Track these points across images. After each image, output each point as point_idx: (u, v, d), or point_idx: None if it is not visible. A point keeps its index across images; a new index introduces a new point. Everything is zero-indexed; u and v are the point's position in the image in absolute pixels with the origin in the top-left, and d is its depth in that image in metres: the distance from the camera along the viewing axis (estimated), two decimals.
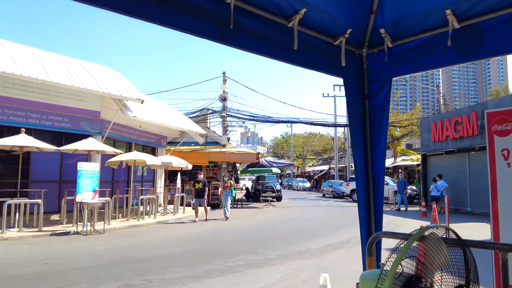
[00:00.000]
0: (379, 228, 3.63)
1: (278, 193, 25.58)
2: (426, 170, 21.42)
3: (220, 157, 20.97)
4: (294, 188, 47.30)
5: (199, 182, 14.24)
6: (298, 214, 16.88)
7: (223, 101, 21.76)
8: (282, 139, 73.96)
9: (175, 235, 10.84)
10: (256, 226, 12.83)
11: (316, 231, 11.52)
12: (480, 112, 17.00)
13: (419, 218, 15.79)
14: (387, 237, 2.73)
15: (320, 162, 59.75)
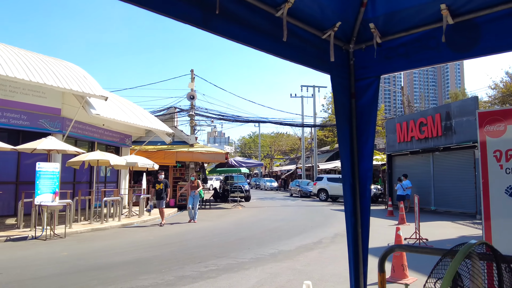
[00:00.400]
0: (365, 232, 3.46)
1: (246, 193, 25.39)
2: (392, 170, 21.89)
3: (188, 157, 20.52)
4: (262, 188, 47.29)
5: (159, 183, 13.48)
6: (268, 215, 16.74)
7: (191, 100, 21.28)
8: (250, 139, 73.94)
9: (141, 239, 10.37)
10: (226, 227, 12.55)
11: (287, 231, 11.38)
12: (444, 114, 17.52)
13: (386, 217, 16.05)
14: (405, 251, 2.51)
15: (287, 162, 60.11)
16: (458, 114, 16.73)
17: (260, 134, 60.14)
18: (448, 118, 17.23)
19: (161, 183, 13.47)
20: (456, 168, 17.01)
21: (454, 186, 16.98)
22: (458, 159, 16.99)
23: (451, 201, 17.10)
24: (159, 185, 13.46)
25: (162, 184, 13.45)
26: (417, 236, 9.67)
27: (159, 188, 13.42)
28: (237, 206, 21.28)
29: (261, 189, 46.95)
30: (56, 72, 11.68)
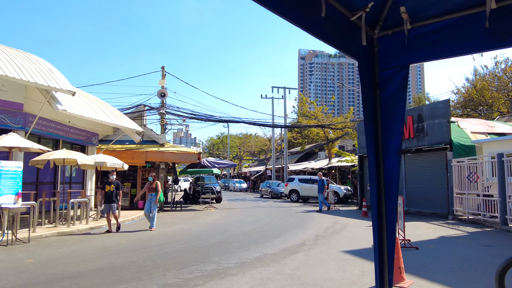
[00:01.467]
0: (391, 237, 3.17)
1: (218, 195, 24.89)
2: (363, 171, 22.08)
3: (158, 157, 19.79)
4: (231, 189, 46.81)
5: (110, 184, 11.72)
6: (242, 216, 16.36)
7: (162, 97, 20.54)
8: (218, 140, 73.25)
9: (113, 243, 9.72)
10: (202, 230, 12.06)
11: (266, 233, 11.06)
12: (416, 116, 17.80)
13: (361, 217, 16.07)
14: None
15: (256, 163, 59.96)
16: (429, 117, 17.04)
17: (229, 135, 59.60)
18: (420, 120, 17.53)
19: (112, 184, 11.73)
20: (428, 170, 17.32)
21: (426, 187, 17.27)
22: (430, 160, 17.31)
23: (422, 202, 17.39)
24: (109, 186, 11.67)
25: (113, 185, 11.72)
26: (401, 237, 9.61)
27: (109, 190, 11.65)
28: (209, 207, 20.77)
29: (230, 190, 46.46)
30: (19, 63, 10.79)
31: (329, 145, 32.78)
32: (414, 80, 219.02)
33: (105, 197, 11.68)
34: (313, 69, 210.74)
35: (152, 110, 21.13)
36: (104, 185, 11.87)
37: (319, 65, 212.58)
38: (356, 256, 7.68)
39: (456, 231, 11.55)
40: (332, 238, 10.20)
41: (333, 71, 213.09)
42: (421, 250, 8.38)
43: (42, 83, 10.78)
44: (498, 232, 11.47)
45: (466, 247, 8.95)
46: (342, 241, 9.63)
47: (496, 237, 10.51)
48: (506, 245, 9.21)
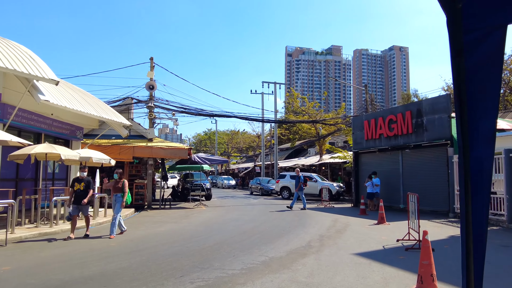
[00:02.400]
0: (477, 243, 2.47)
1: (208, 192, 24.11)
2: (358, 168, 21.57)
3: (147, 153, 18.86)
4: (219, 186, 46.00)
5: (80, 182, 10.02)
6: (236, 215, 15.62)
7: (151, 90, 19.61)
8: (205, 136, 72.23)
9: (101, 245, 8.88)
10: (196, 230, 11.28)
11: (266, 233, 10.35)
12: (415, 111, 17.31)
13: (359, 215, 15.51)
14: None
15: (244, 160, 59.22)
16: (429, 112, 16.56)
17: (216, 131, 58.66)
18: (419, 115, 17.04)
19: (82, 181, 10.03)
20: (427, 166, 16.86)
21: (425, 184, 16.82)
22: (429, 156, 16.85)
23: (421, 199, 16.69)
24: (79, 184, 9.98)
25: (84, 183, 10.01)
26: (409, 237, 9.04)
27: (79, 188, 9.92)
28: (199, 205, 19.97)
29: (218, 187, 45.64)
30: None
31: (320, 141, 32.26)
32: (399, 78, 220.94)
33: (74, 196, 9.93)
34: (300, 66, 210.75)
35: (140, 103, 20.18)
36: (73, 183, 10.14)
37: (306, 62, 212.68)
38: (371, 260, 7.03)
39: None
40: (338, 238, 9.55)
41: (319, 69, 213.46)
42: (437, 252, 7.77)
43: (22, 70, 9.81)
44: (506, 230, 11.02)
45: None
46: (350, 242, 8.98)
47: (507, 236, 10.02)
48: None
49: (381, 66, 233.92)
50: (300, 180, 18.78)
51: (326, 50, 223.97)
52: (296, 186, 18.90)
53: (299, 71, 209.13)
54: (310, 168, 34.89)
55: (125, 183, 10.70)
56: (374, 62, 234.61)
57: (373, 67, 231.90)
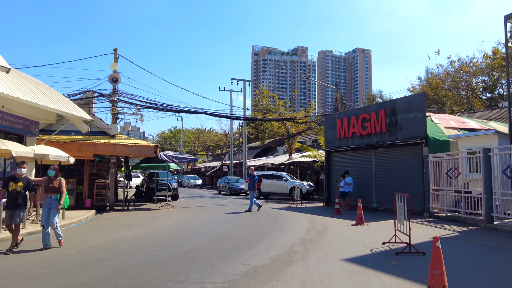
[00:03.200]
0: None
1: (175, 192, 23.02)
2: (330, 167, 21.23)
3: (109, 150, 17.56)
4: (185, 186, 44.70)
5: (17, 181, 8.21)
6: (208, 216, 14.74)
7: (114, 83, 18.29)
8: (170, 134, 70.32)
9: (58, 254, 7.78)
10: (166, 234, 10.32)
11: (244, 237, 9.58)
12: (389, 110, 17.09)
13: (334, 215, 15.07)
14: None
15: (211, 159, 58.10)
16: (404, 110, 16.38)
17: (182, 129, 57.13)
18: (394, 114, 16.84)
19: (19, 181, 8.24)
20: (402, 165, 16.68)
21: (399, 183, 16.62)
22: (403, 156, 16.68)
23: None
24: (15, 184, 8.15)
25: (21, 183, 8.23)
26: (396, 240, 8.57)
27: (14, 189, 8.12)
28: (166, 206, 18.89)
29: (184, 187, 44.32)
30: None
31: (290, 140, 31.85)
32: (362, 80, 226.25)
33: (8, 199, 8.16)
34: (267, 66, 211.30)
35: (102, 97, 18.81)
36: (8, 181, 8.22)
37: (272, 62, 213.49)
38: (364, 267, 6.43)
39: (445, 231, 10.76)
40: (320, 242, 8.93)
41: (285, 69, 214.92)
42: (428, 256, 7.30)
43: None
44: (487, 230, 10.84)
45: (473, 250, 8.04)
46: (334, 246, 8.38)
47: (491, 236, 9.80)
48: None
49: (345, 67, 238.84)
50: (255, 179, 17.56)
51: (292, 50, 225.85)
52: (250, 186, 17.55)
53: (265, 71, 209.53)
54: (279, 167, 34.45)
55: (62, 182, 8.72)
56: (338, 63, 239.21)
57: (337, 69, 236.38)
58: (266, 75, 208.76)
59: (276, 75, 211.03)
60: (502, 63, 31.34)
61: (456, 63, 35.65)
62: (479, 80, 35.73)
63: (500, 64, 31.57)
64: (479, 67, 34.56)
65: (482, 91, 35.40)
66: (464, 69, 33.96)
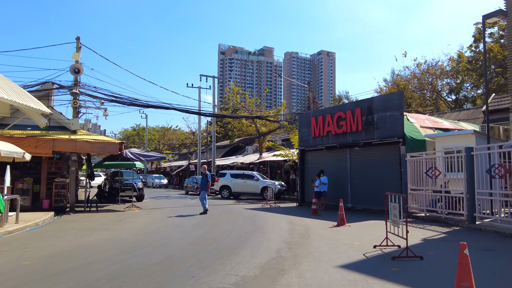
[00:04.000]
0: None
1: (140, 192, 21.76)
2: (304, 166, 20.76)
3: (70, 147, 16.13)
4: (150, 185, 43.03)
5: None
6: (178, 218, 13.77)
7: (76, 74, 16.87)
8: (134, 132, 67.93)
9: (11, 264, 6.66)
10: (136, 240, 9.32)
11: (223, 242, 8.77)
12: (365, 108, 16.80)
13: (311, 216, 14.54)
14: None
15: (177, 157, 56.54)
16: (381, 109, 16.12)
17: (147, 126, 55.18)
18: (370, 112, 16.55)
19: None
20: (378, 165, 16.41)
21: (375, 183, 16.36)
22: (380, 155, 16.40)
23: (370, 198, 16.44)
24: None
25: None
26: (387, 243, 8.06)
27: None
28: (131, 207, 17.71)
29: (148, 187, 42.67)
30: None
31: (261, 139, 31.23)
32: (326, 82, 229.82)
33: None
34: (233, 65, 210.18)
35: (62, 89, 17.31)
36: None
37: (239, 61, 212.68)
38: (364, 275, 5.82)
39: (430, 232, 10.42)
40: (308, 245, 8.28)
41: (252, 68, 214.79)
42: (427, 260, 6.83)
43: None
44: (471, 231, 10.62)
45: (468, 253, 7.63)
46: (324, 250, 7.75)
47: (479, 238, 9.53)
48: (506, 248, 8.13)
49: (310, 69, 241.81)
50: (208, 178, 16.05)
51: (259, 50, 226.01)
52: (202, 185, 15.98)
53: (232, 70, 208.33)
54: (248, 166, 33.76)
55: None
56: (304, 65, 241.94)
57: (303, 70, 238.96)
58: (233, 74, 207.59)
59: (243, 74, 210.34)
60: (467, 66, 32.23)
61: (422, 65, 36.38)
62: (444, 82, 36.64)
63: (464, 67, 32.43)
64: (445, 70, 35.41)
65: (447, 93, 36.33)
66: (431, 71, 34.67)
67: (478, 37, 32.41)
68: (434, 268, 6.31)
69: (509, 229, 9.97)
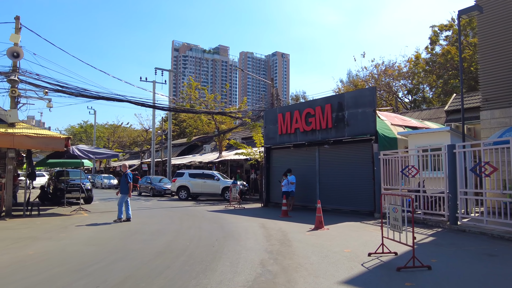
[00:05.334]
0: None
1: (88, 194, 19.70)
2: (270, 165, 19.74)
3: (7, 142, 13.91)
4: (98, 186, 40.19)
5: None
6: (135, 224, 12.15)
7: (15, 58, 14.64)
8: (81, 129, 63.76)
9: None
10: (86, 253, 7.72)
11: (193, 254, 7.43)
12: (336, 104, 16.05)
13: (283, 218, 13.52)
14: None
15: (128, 156, 53.64)
16: (352, 105, 15.44)
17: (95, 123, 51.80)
18: (341, 109, 15.83)
19: None
20: (349, 163, 15.70)
21: (345, 182, 15.66)
22: (351, 153, 15.71)
23: (340, 198, 15.72)
24: None
25: None
26: (383, 250, 7.15)
27: None
28: (79, 211, 15.78)
29: (97, 187, 39.83)
30: None
31: (220, 137, 29.88)
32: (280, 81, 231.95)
33: None
34: (187, 62, 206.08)
35: None
36: None
37: (194, 59, 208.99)
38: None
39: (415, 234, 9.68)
40: (294, 255, 7.17)
41: (207, 67, 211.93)
42: (436, 271, 5.96)
43: None
44: (455, 232, 10.05)
45: (473, 259, 6.90)
46: (314, 261, 6.68)
47: (471, 240, 8.91)
48: (506, 252, 7.50)
49: (265, 69, 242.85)
50: (128, 179, 12.95)
51: (214, 49, 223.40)
52: (121, 188, 13.09)
53: (186, 67, 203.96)
54: (206, 166, 32.30)
55: None
56: (259, 65, 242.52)
57: (258, 70, 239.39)
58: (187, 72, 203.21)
59: (197, 72, 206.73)
60: (424, 67, 32.84)
61: (380, 66, 36.76)
62: (400, 83, 37.26)
63: (422, 69, 33.04)
64: (401, 71, 35.98)
65: (405, 94, 36.98)
66: (390, 72, 35.06)
67: (435, 39, 33.18)
68: (451, 281, 5.43)
69: (496, 230, 9.49)
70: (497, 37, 13.83)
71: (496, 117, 13.66)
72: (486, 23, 14.14)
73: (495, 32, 13.86)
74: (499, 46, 13.70)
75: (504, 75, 13.52)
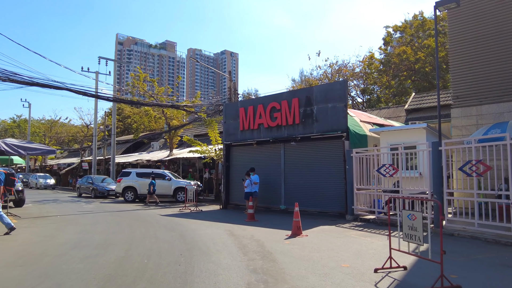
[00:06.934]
0: None
1: (19, 196, 16.95)
2: (230, 163, 18.20)
3: None
4: (33, 186, 36.31)
5: None
6: (75, 233, 10.08)
7: None
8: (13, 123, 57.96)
9: None
10: (8, 277, 5.76)
11: (155, 277, 5.76)
12: (303, 99, 14.91)
13: (251, 223, 12.09)
14: None
15: (66, 154, 49.41)
16: (321, 100, 14.37)
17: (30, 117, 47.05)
18: (309, 104, 14.71)
19: None
20: (318, 162, 14.61)
21: (313, 182, 14.57)
22: (320, 151, 14.62)
23: (307, 199, 14.59)
24: None
25: None
26: (391, 264, 5.96)
27: None
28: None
29: (31, 188, 35.93)
30: None
31: (171, 133, 27.80)
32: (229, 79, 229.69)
33: None
34: (132, 57, 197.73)
35: None
36: None
37: (139, 54, 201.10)
38: None
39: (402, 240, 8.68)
40: (284, 274, 5.75)
41: (153, 62, 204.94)
42: None
43: None
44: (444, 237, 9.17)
45: (495, 272, 5.90)
46: (313, 283, 5.32)
47: (467, 246, 8.04)
48: None
49: (213, 67, 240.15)
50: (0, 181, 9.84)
51: (160, 44, 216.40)
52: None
53: (130, 62, 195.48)
54: (155, 164, 30.04)
55: None
56: (207, 63, 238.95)
57: (206, 68, 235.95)
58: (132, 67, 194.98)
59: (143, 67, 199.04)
60: (378, 67, 32.97)
61: (334, 66, 36.54)
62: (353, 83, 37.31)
63: (377, 69, 33.16)
64: (355, 70, 36.01)
65: (360, 94, 37.03)
66: (345, 71, 34.90)
67: (388, 40, 33.43)
68: None
69: (487, 233, 8.76)
70: (469, 33, 13.41)
71: (467, 115, 13.21)
72: (458, 18, 13.68)
73: (467, 28, 13.43)
74: (471, 42, 13.27)
75: (476, 72, 13.11)
